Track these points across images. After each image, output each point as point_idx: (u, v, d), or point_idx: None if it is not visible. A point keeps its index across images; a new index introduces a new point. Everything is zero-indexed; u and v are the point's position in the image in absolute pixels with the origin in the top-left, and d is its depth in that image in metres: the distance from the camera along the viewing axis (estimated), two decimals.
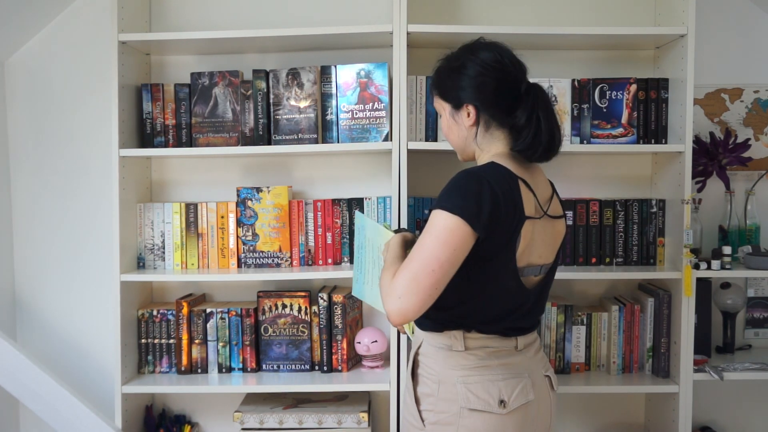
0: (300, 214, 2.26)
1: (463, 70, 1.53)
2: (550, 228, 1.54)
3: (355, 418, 2.17)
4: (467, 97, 1.52)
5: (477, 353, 1.50)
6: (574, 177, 2.36)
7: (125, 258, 2.19)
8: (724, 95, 2.40)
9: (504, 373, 1.48)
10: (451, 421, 1.48)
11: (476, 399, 1.46)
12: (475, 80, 1.51)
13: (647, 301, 2.21)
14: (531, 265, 1.50)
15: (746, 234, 2.34)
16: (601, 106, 2.22)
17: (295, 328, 2.25)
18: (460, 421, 1.47)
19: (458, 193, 1.39)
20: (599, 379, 2.22)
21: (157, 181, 2.43)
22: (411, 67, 2.14)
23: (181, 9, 2.40)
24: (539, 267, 1.52)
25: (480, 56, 1.52)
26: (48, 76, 2.41)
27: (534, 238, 1.48)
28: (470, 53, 1.54)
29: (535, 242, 1.49)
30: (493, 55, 1.51)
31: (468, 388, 1.48)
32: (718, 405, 2.42)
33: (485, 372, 1.49)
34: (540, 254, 1.52)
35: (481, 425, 1.46)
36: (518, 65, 1.52)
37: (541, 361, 1.57)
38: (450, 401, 1.49)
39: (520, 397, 1.47)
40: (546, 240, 1.53)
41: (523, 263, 1.48)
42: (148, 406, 2.37)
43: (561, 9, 2.38)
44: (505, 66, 1.50)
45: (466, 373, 1.49)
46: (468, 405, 1.46)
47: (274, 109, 2.21)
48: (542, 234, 1.51)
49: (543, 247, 1.52)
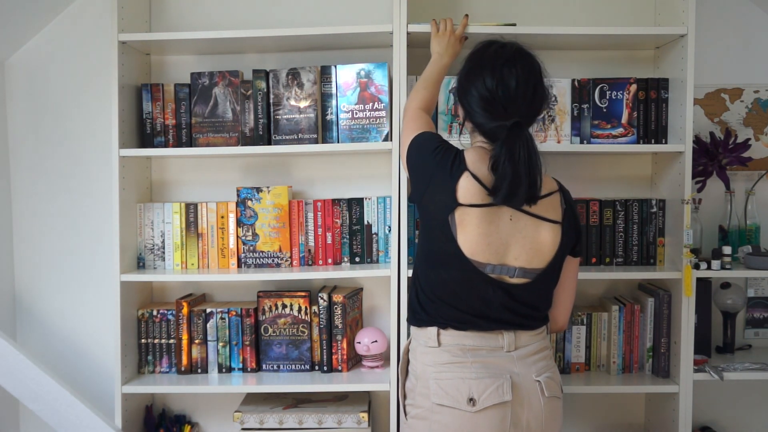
0: (300, 214, 2.26)
1: (467, 77, 1.57)
2: (529, 229, 1.53)
3: (355, 418, 2.17)
4: (460, 100, 1.60)
5: (451, 350, 1.54)
6: (574, 177, 2.35)
7: (125, 258, 2.19)
8: (724, 95, 2.40)
9: (479, 372, 1.50)
10: (425, 416, 1.53)
11: (446, 395, 1.50)
12: (468, 92, 1.55)
13: (647, 301, 2.21)
14: (502, 265, 1.52)
15: (746, 234, 2.34)
16: (601, 106, 2.22)
17: (295, 328, 2.25)
18: (433, 416, 1.52)
19: (419, 149, 1.62)
20: (599, 379, 2.22)
21: (157, 181, 2.43)
22: (411, 67, 2.13)
23: (181, 9, 2.40)
24: (514, 269, 1.53)
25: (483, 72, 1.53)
26: (48, 76, 2.41)
27: (489, 233, 1.50)
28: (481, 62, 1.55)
29: (500, 240, 1.51)
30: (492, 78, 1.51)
31: (439, 384, 1.51)
32: (718, 405, 2.42)
33: (457, 369, 1.51)
34: (516, 255, 1.53)
35: (451, 421, 1.49)
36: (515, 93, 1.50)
37: (535, 365, 1.56)
38: (425, 396, 1.54)
39: (492, 396, 1.48)
40: (522, 241, 1.53)
41: (484, 259, 1.50)
42: (148, 406, 2.37)
43: (561, 9, 2.38)
44: (495, 97, 1.50)
45: (439, 369, 1.53)
46: (438, 401, 1.51)
47: (274, 109, 2.21)
48: (514, 233, 1.52)
49: (518, 248, 1.53)
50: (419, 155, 1.61)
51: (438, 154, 1.56)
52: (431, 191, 1.54)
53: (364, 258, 2.28)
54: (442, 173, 1.53)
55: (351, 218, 2.27)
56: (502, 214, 1.51)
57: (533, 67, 1.54)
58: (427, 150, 1.59)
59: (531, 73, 1.53)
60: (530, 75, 1.52)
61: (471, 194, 1.50)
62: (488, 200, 1.50)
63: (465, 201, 1.50)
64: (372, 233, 2.27)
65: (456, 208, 1.50)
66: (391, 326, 2.12)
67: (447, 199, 1.51)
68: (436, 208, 1.53)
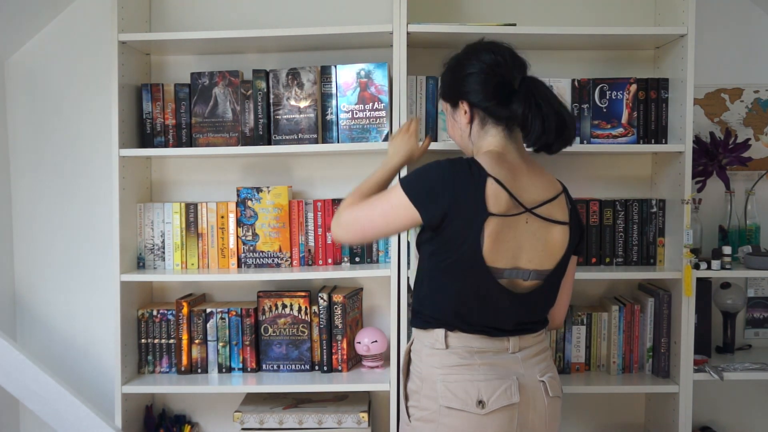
0: (300, 214, 2.26)
1: (457, 69, 1.56)
2: (541, 232, 1.52)
3: (355, 418, 2.17)
4: (461, 95, 1.55)
5: (458, 352, 1.51)
6: (574, 177, 2.35)
7: (125, 258, 2.19)
8: (724, 95, 2.40)
9: (487, 374, 1.49)
10: (432, 419, 1.51)
11: (454, 397, 1.48)
12: (467, 78, 1.53)
13: (647, 301, 2.21)
14: (517, 269, 1.50)
15: (746, 234, 2.33)
16: (601, 106, 2.22)
17: (295, 328, 2.25)
18: (440, 419, 1.49)
19: (419, 177, 1.50)
20: (599, 379, 2.22)
21: (157, 181, 2.43)
22: (411, 67, 2.13)
23: (181, 9, 2.40)
24: (528, 272, 1.51)
25: (473, 55, 1.54)
26: (48, 76, 2.41)
27: (508, 239, 1.47)
28: (466, 53, 1.57)
29: (516, 244, 1.49)
30: (486, 53, 1.53)
31: (447, 387, 1.49)
32: (718, 405, 2.42)
33: (466, 371, 1.50)
34: (530, 258, 1.51)
35: (460, 424, 1.47)
36: (513, 61, 1.53)
37: (538, 365, 1.55)
38: (431, 399, 1.51)
39: (501, 398, 1.47)
40: (535, 244, 1.51)
41: (502, 264, 1.47)
42: (148, 406, 2.37)
43: (561, 9, 2.38)
44: (497, 63, 1.51)
45: (447, 371, 1.51)
46: (447, 403, 1.48)
47: (274, 109, 2.21)
48: (528, 237, 1.50)
49: (531, 251, 1.51)
50: (426, 179, 1.49)
51: (448, 167, 1.47)
52: (456, 207, 1.44)
53: (364, 258, 2.28)
54: (463, 184, 1.44)
55: None
56: (519, 219, 1.48)
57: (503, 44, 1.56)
58: (431, 171, 1.49)
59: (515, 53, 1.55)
60: (514, 53, 1.55)
61: (500, 201, 1.44)
62: (512, 208, 1.46)
63: (495, 210, 1.44)
64: None
65: (487, 218, 1.43)
66: (391, 326, 2.12)
67: (477, 210, 1.43)
68: (464, 222, 1.44)
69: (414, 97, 2.19)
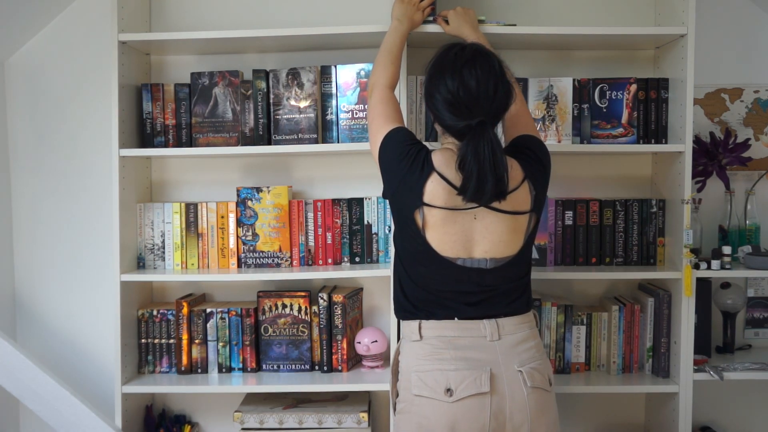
0: (300, 214, 2.26)
1: (427, 82, 1.61)
2: (497, 225, 1.57)
3: (355, 418, 2.17)
4: (427, 102, 1.63)
5: (432, 342, 1.57)
6: (574, 177, 2.36)
7: (125, 258, 2.19)
8: (724, 95, 2.40)
9: (458, 364, 1.54)
10: (408, 410, 1.58)
11: (424, 386, 1.54)
12: (432, 95, 1.59)
13: (647, 301, 2.21)
14: (471, 258, 1.57)
15: (746, 234, 2.33)
16: (601, 106, 2.22)
17: (295, 328, 2.25)
18: (413, 408, 1.56)
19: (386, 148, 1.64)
20: (599, 379, 2.22)
21: (157, 181, 2.43)
22: (411, 67, 2.13)
23: (181, 9, 2.40)
24: (485, 260, 1.58)
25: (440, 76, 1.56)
26: (48, 76, 2.41)
27: (453, 231, 1.55)
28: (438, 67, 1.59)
29: (465, 237, 1.56)
30: (452, 79, 1.54)
31: (419, 377, 1.55)
32: (718, 405, 2.42)
33: (437, 362, 1.55)
34: (485, 250, 1.58)
35: (430, 410, 1.52)
36: (477, 94, 1.52)
37: (520, 355, 1.57)
38: (406, 390, 1.58)
39: (469, 387, 1.51)
40: (489, 237, 1.57)
41: (453, 254, 1.56)
42: (148, 406, 2.37)
43: (561, 9, 2.38)
44: (457, 98, 1.53)
45: (420, 362, 1.57)
46: (417, 392, 1.54)
47: (274, 109, 2.21)
48: (480, 230, 1.57)
49: (486, 243, 1.57)
50: (392, 154, 1.63)
51: (409, 154, 1.60)
52: (401, 190, 1.59)
53: (364, 258, 2.28)
54: (411, 174, 1.57)
55: (351, 218, 2.27)
56: (465, 215, 1.56)
57: (492, 66, 1.55)
58: (398, 150, 1.62)
59: (490, 73, 1.54)
60: (490, 74, 1.54)
61: (437, 195, 1.55)
62: (453, 202, 1.54)
63: (429, 201, 1.55)
64: (372, 233, 2.27)
65: (421, 207, 1.55)
66: (391, 326, 2.12)
67: (414, 199, 1.56)
68: (405, 206, 1.59)
69: (414, 97, 2.19)
